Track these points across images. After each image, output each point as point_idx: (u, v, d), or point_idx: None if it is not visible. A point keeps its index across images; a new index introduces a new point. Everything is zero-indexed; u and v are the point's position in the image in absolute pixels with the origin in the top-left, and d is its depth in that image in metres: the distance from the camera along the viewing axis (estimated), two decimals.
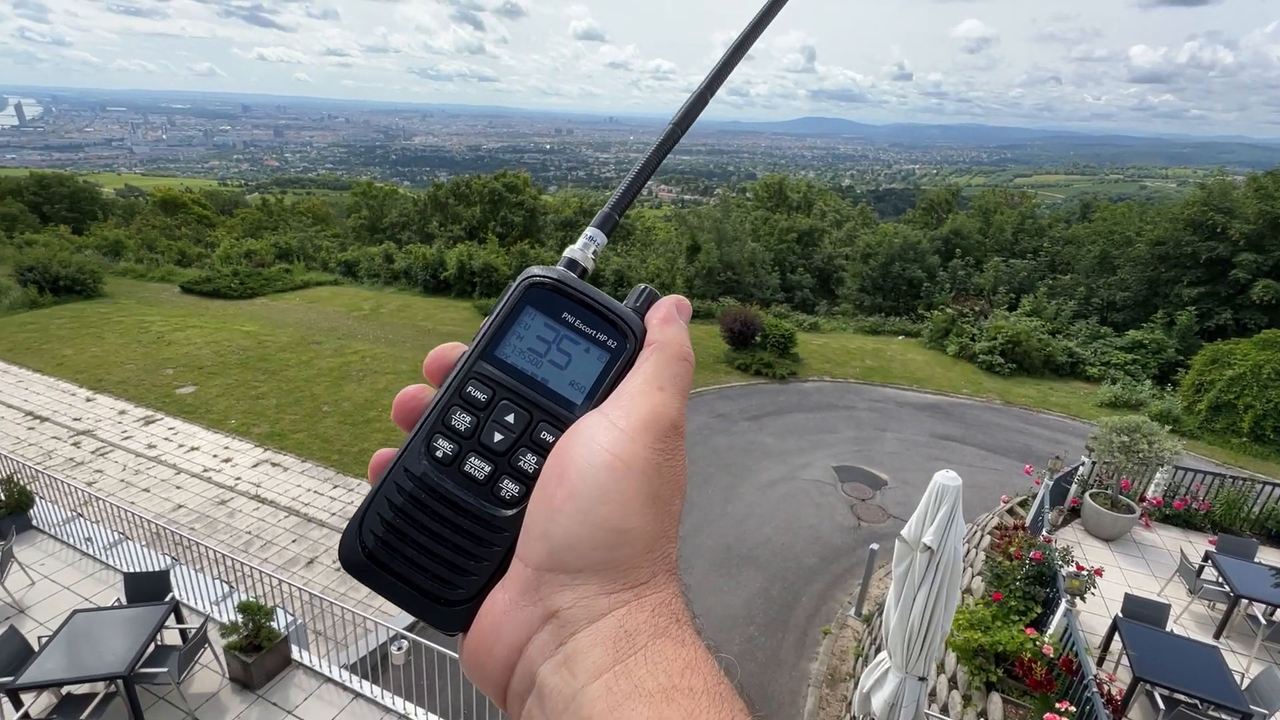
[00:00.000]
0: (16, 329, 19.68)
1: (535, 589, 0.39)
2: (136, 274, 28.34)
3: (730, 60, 0.54)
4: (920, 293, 30.18)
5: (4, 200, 46.57)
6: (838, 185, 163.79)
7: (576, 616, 0.37)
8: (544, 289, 0.47)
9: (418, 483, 0.44)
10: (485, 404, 0.45)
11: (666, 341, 0.46)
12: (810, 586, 9.77)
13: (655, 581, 0.40)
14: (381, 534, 0.43)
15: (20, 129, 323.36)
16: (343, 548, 0.44)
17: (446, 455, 0.44)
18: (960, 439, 15.19)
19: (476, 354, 0.46)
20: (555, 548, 0.39)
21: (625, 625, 0.37)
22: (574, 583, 0.38)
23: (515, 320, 0.47)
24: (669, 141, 0.52)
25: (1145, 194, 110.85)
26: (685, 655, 0.37)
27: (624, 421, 0.41)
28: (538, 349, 0.46)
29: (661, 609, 0.39)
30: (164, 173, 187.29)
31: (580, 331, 0.47)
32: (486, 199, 40.80)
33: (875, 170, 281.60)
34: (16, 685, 5.61)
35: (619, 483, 0.39)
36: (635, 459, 0.40)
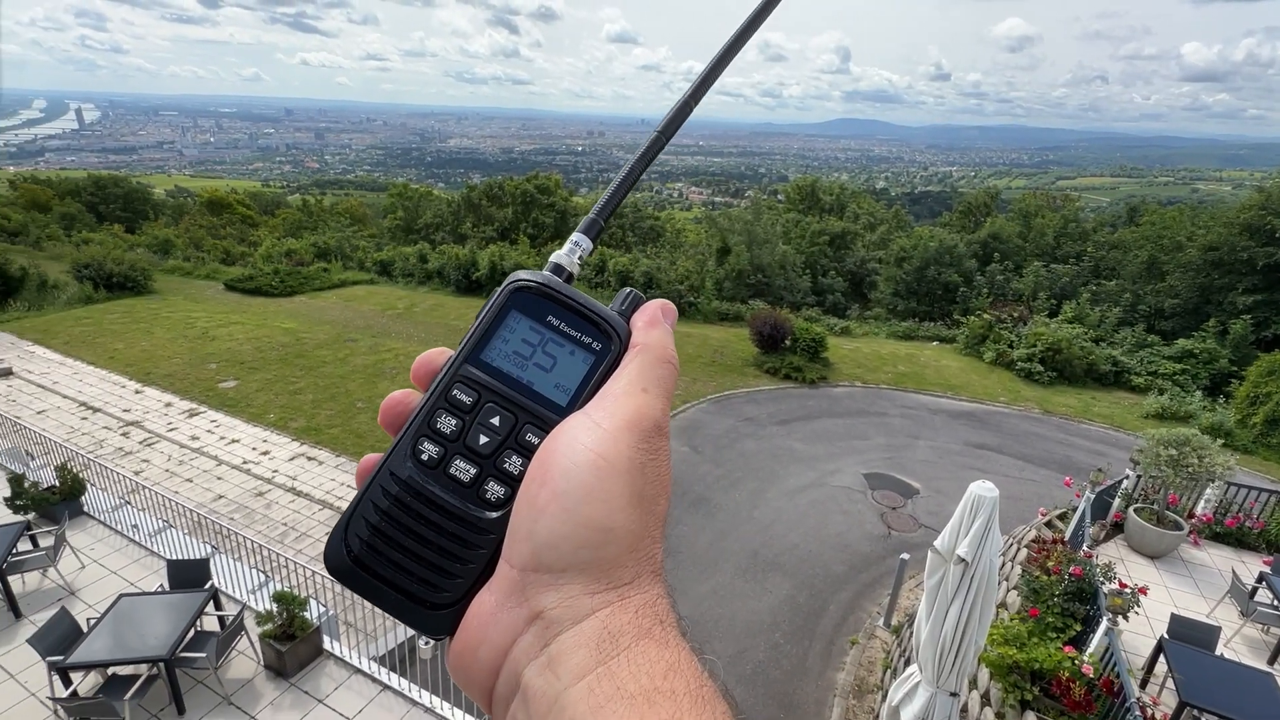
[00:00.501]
0: (73, 323, 20.60)
1: (520, 590, 0.39)
2: (184, 271, 29.44)
3: (714, 71, 0.55)
4: (956, 298, 29.47)
5: (64, 200, 48.92)
6: (872, 188, 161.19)
7: (560, 617, 0.37)
8: (529, 293, 0.47)
9: (403, 486, 0.44)
10: (471, 407, 0.45)
11: (650, 344, 0.46)
12: (838, 595, 9.61)
13: (639, 582, 0.40)
14: (367, 537, 0.43)
15: (80, 133, 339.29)
16: (328, 552, 0.44)
17: (432, 458, 0.44)
18: (996, 448, 14.77)
19: (462, 358, 0.46)
20: (539, 547, 0.39)
21: (609, 626, 0.37)
22: (558, 583, 0.38)
23: (500, 324, 0.47)
24: (654, 149, 0.53)
25: (1197, 197, 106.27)
26: (668, 657, 0.36)
27: (608, 422, 0.41)
28: (523, 352, 0.47)
29: (645, 610, 0.38)
30: (211, 174, 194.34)
31: (565, 334, 0.47)
32: (519, 200, 41.27)
33: (911, 172, 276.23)
34: (66, 665, 5.86)
35: (603, 482, 0.39)
36: (619, 458, 0.40)
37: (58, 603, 7.38)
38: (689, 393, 16.68)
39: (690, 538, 10.68)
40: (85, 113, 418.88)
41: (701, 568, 9.95)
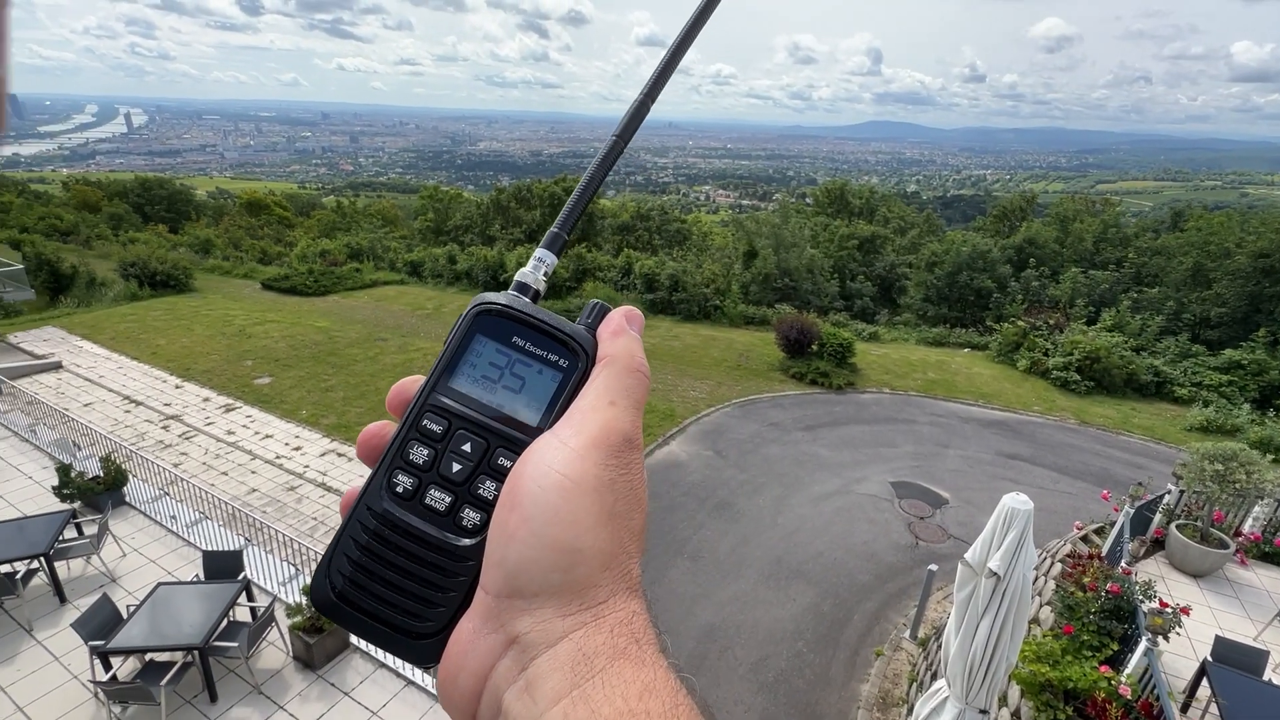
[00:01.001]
0: (119, 320, 21.39)
1: (496, 616, 0.39)
2: (223, 270, 30.36)
3: (666, 70, 0.54)
4: (989, 304, 28.81)
5: (112, 201, 50.89)
6: (902, 191, 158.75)
7: (535, 641, 0.37)
8: (492, 315, 0.47)
9: (381, 519, 0.44)
10: (442, 435, 0.45)
11: (617, 355, 0.45)
12: (863, 605, 9.45)
13: (615, 600, 0.39)
14: (349, 573, 0.44)
15: (128, 136, 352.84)
16: (313, 589, 0.44)
17: (407, 490, 0.44)
18: (1030, 459, 14.38)
19: (430, 387, 0.46)
20: (511, 573, 0.39)
21: (583, 648, 0.37)
22: (531, 607, 0.38)
23: (467, 349, 0.47)
24: (613, 154, 0.52)
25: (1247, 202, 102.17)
26: (644, 677, 0.36)
27: (574, 440, 0.41)
28: (491, 375, 0.47)
29: (620, 629, 0.38)
30: (250, 176, 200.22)
31: (531, 354, 0.47)
32: (546, 203, 41.62)
33: (943, 176, 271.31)
34: (107, 649, 6.07)
35: (569, 503, 0.39)
36: (585, 477, 0.39)
37: (100, 589, 7.65)
38: (713, 397, 16.60)
39: (713, 542, 10.62)
40: (133, 117, 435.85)
41: (724, 573, 9.88)
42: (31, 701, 6.34)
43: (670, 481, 12.44)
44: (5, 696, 6.38)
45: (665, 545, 10.47)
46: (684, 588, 9.50)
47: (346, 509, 0.45)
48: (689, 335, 22.45)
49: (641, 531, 0.43)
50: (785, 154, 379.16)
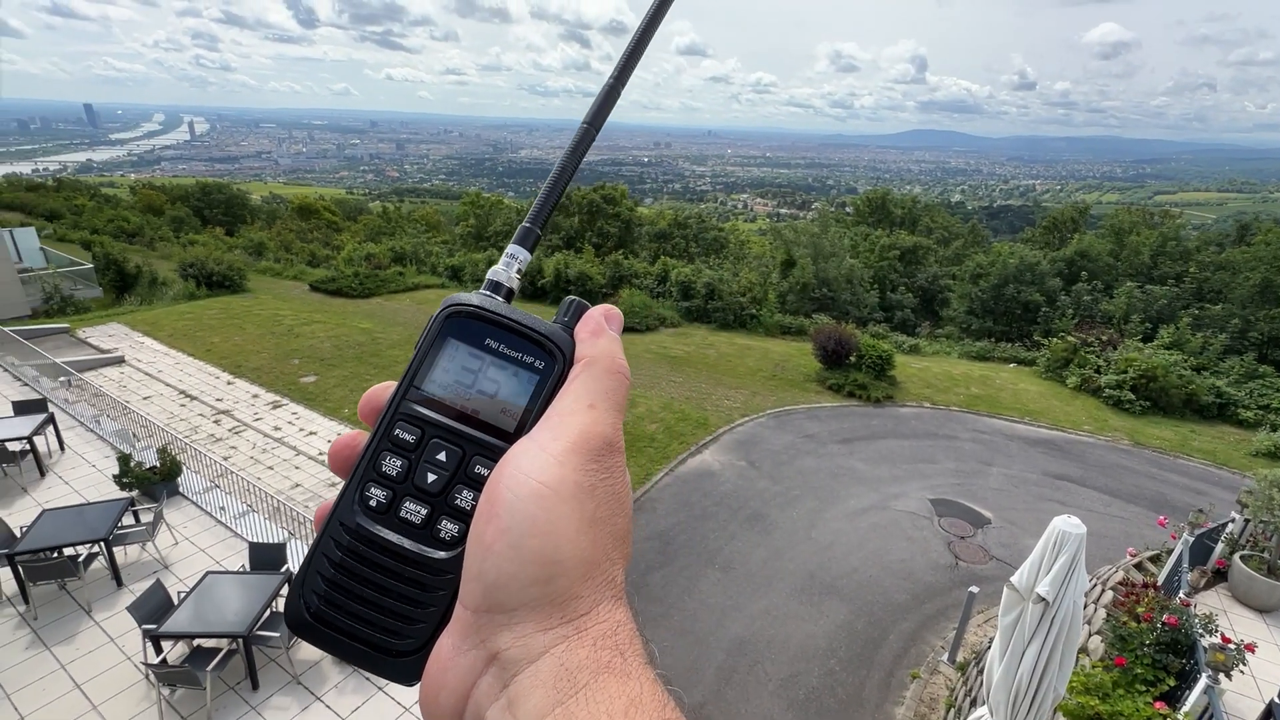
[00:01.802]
0: (177, 318, 22.43)
1: (475, 632, 0.38)
2: (274, 272, 31.55)
3: (635, 52, 0.52)
4: (1037, 318, 27.84)
5: (175, 205, 53.53)
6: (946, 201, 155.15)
7: (516, 657, 0.36)
8: (463, 316, 0.45)
9: (354, 535, 0.42)
10: (415, 445, 0.43)
11: (597, 356, 0.44)
12: (899, 625, 9.19)
13: (598, 611, 0.38)
14: (323, 592, 0.42)
15: (191, 143, 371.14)
16: (287, 609, 0.43)
17: (380, 503, 0.43)
18: (1078, 480, 13.80)
19: (401, 394, 0.44)
20: (489, 587, 0.37)
21: (565, 663, 0.35)
22: (511, 622, 0.37)
23: (438, 353, 0.45)
24: (584, 142, 0.50)
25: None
26: (629, 691, 0.35)
27: (553, 445, 0.39)
28: (464, 380, 0.45)
29: (603, 641, 0.37)
30: (301, 182, 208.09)
31: (505, 356, 0.45)
32: (584, 210, 42.04)
33: (989, 185, 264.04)
34: (159, 633, 6.34)
35: (547, 512, 0.37)
36: (564, 484, 0.38)
37: (153, 575, 8.00)
38: (748, 406, 16.45)
39: (744, 554, 10.49)
40: (197, 125, 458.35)
41: (755, 586, 9.75)
42: (88, 680, 6.66)
43: (702, 491, 12.36)
44: (65, 674, 6.72)
45: (696, 555, 10.39)
46: (714, 598, 9.41)
47: (319, 524, 0.44)
48: (724, 344, 22.32)
49: (626, 536, 0.41)
50: (825, 163, 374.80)
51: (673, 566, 10.07)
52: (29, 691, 6.49)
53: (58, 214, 43.36)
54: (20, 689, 6.51)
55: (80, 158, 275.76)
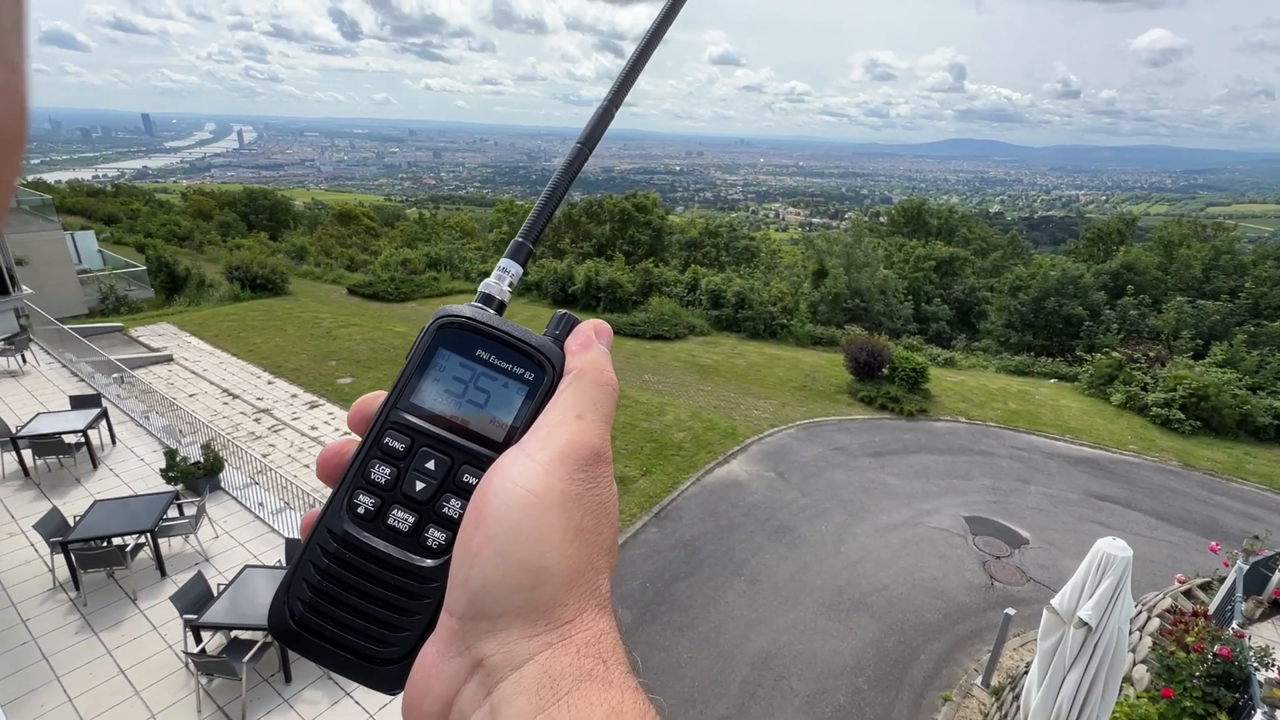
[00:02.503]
0: (223, 319, 23.26)
1: (460, 638, 0.38)
2: (314, 276, 32.50)
3: (632, 73, 0.52)
4: (1080, 333, 26.97)
5: (223, 210, 55.62)
6: (985, 211, 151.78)
7: (500, 664, 0.36)
8: (454, 328, 0.46)
9: (341, 542, 0.42)
10: (404, 453, 0.43)
11: (585, 368, 0.44)
12: (930, 645, 8.95)
13: (582, 619, 0.38)
14: (309, 599, 0.42)
15: (239, 151, 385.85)
16: (271, 616, 0.43)
17: (369, 510, 0.43)
18: (1123, 502, 13.27)
19: (392, 403, 0.45)
20: (475, 594, 0.38)
21: (548, 670, 0.35)
22: (496, 629, 0.37)
23: (429, 363, 0.45)
24: (577, 162, 0.50)
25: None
26: (611, 700, 0.35)
27: (541, 454, 0.40)
28: (454, 390, 0.45)
29: (587, 649, 0.37)
30: (342, 189, 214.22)
31: (496, 367, 0.45)
32: (616, 218, 42.32)
33: (1030, 196, 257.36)
34: (199, 623, 6.55)
35: (534, 520, 0.38)
36: (551, 493, 0.38)
37: (195, 566, 8.27)
38: (777, 417, 16.28)
39: (771, 566, 10.36)
40: (245, 134, 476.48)
41: (782, 599, 9.61)
42: (132, 665, 6.91)
43: (730, 501, 12.26)
44: (111, 660, 6.98)
45: (723, 565, 10.30)
46: (740, 610, 9.30)
47: (306, 531, 0.44)
48: (754, 353, 22.16)
49: (612, 547, 0.41)
50: (860, 172, 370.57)
51: (698, 576, 10.01)
52: (78, 675, 6.76)
53: (115, 218, 45.50)
54: (69, 672, 6.79)
55: (137, 165, 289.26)
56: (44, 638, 7.22)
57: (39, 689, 6.55)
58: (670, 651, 8.48)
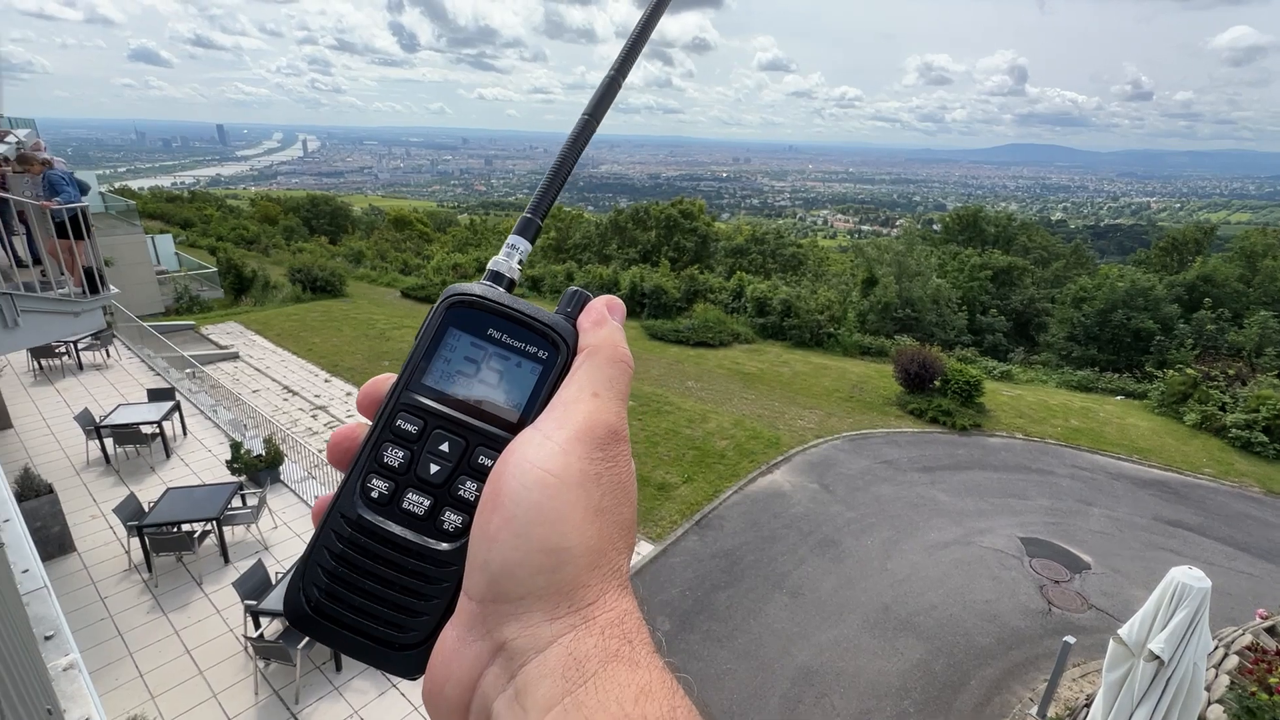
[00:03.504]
0: (285, 319, 24.39)
1: (481, 622, 0.38)
2: (370, 279, 33.74)
3: (637, 44, 0.51)
4: (1150, 348, 25.49)
5: (287, 215, 58.39)
6: (1046, 219, 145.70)
7: (523, 647, 0.36)
8: (465, 306, 0.45)
9: (356, 527, 0.42)
10: (417, 436, 0.42)
11: (599, 345, 0.43)
12: (982, 670, 8.58)
13: (605, 600, 0.37)
14: (325, 585, 0.41)
15: (303, 160, 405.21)
16: (286, 602, 0.42)
17: (383, 495, 0.42)
18: (1196, 529, 12.45)
19: (403, 384, 0.44)
20: (495, 577, 0.37)
21: (573, 652, 0.35)
22: (518, 611, 0.36)
23: (440, 343, 0.44)
24: (584, 134, 0.49)
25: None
26: (639, 680, 0.34)
27: (557, 434, 0.39)
28: (466, 370, 0.44)
29: (611, 630, 0.36)
30: (398, 195, 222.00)
31: (508, 346, 0.44)
32: (662, 224, 42.43)
33: (1096, 203, 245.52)
34: (258, 609, 6.86)
35: (553, 500, 0.37)
36: (569, 472, 0.38)
37: (255, 555, 8.68)
38: (823, 428, 15.97)
39: (814, 580, 10.14)
40: (309, 143, 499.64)
41: (825, 614, 9.40)
42: (197, 646, 7.30)
43: (772, 512, 12.08)
44: (178, 639, 7.39)
45: (764, 577, 10.15)
46: (781, 624, 9.14)
47: (318, 518, 0.43)
48: (799, 362, 21.82)
49: (632, 525, 0.41)
50: (912, 178, 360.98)
51: (739, 587, 9.89)
52: (148, 652, 7.18)
53: (190, 223, 48.39)
54: (141, 649, 7.22)
55: (211, 172, 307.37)
56: (120, 615, 7.70)
57: (114, 663, 6.99)
58: (709, 662, 8.40)
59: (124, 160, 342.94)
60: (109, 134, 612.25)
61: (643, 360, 21.41)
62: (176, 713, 6.47)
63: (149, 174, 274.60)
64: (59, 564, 8.36)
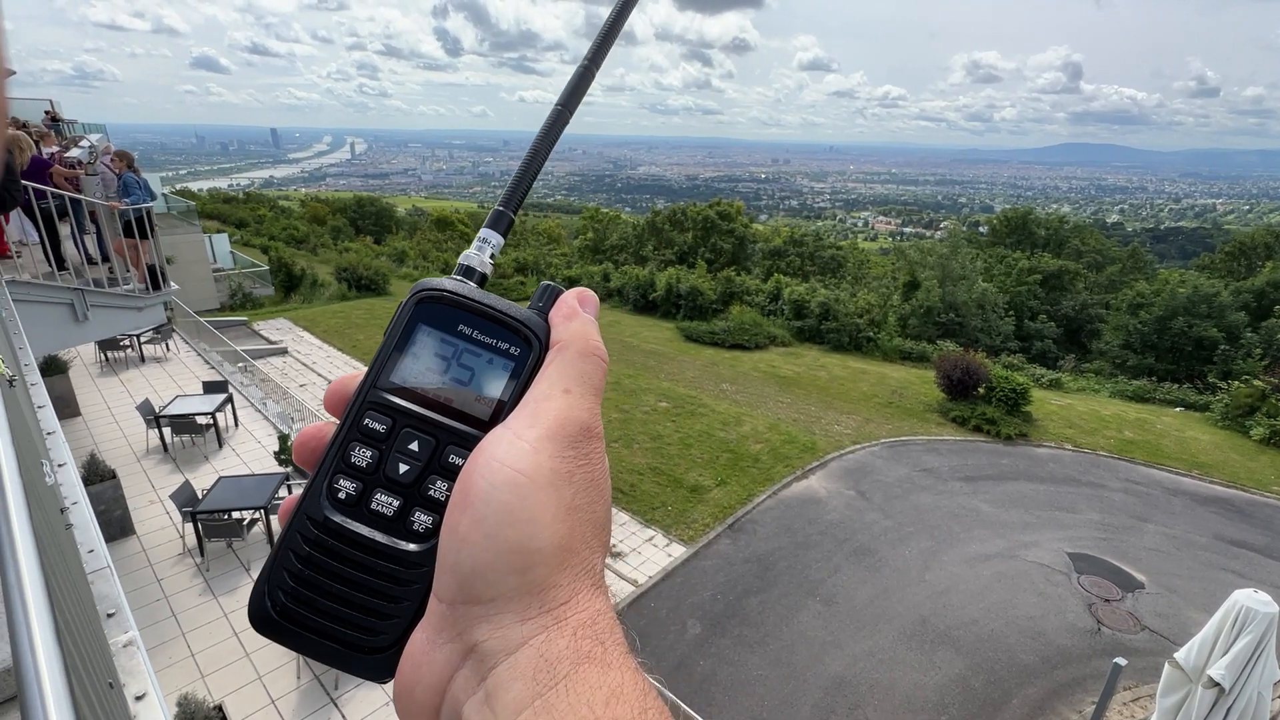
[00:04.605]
0: (331, 316, 25.21)
1: (451, 624, 0.37)
2: (412, 278, 34.55)
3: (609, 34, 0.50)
4: (1213, 357, 24.22)
5: (335, 216, 60.34)
6: (1101, 221, 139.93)
7: (494, 649, 0.35)
8: (434, 302, 0.44)
9: (322, 528, 0.41)
10: (386, 434, 0.42)
11: (570, 339, 0.43)
12: (1024, 689, 8.28)
13: (577, 600, 0.37)
14: (290, 588, 0.40)
15: (351, 162, 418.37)
16: (251, 606, 0.41)
17: (350, 495, 0.41)
18: (1262, 550, 11.76)
19: (371, 382, 0.43)
20: (465, 578, 0.37)
21: (544, 654, 0.35)
22: (489, 613, 0.36)
23: (409, 339, 0.44)
24: (558, 124, 0.49)
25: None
26: (610, 681, 0.34)
27: (528, 432, 0.39)
28: (436, 367, 0.43)
29: (583, 630, 0.36)
30: (440, 196, 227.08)
31: (479, 342, 0.44)
32: (699, 226, 42.31)
33: (1155, 205, 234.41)
34: None
35: (523, 500, 0.36)
36: (540, 472, 0.37)
37: None
38: (860, 433, 15.66)
39: (849, 589, 9.95)
40: (356, 146, 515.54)
41: (860, 624, 9.21)
42: (245, 629, 7.60)
43: (807, 518, 11.91)
44: (227, 622, 7.71)
45: (797, 584, 10.01)
46: (814, 632, 9.00)
47: (284, 519, 0.42)
48: (837, 366, 21.46)
49: (606, 523, 0.40)
50: (958, 179, 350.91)
51: (771, 593, 9.78)
52: (199, 633, 7.52)
53: (244, 223, 50.50)
54: (193, 629, 7.56)
55: (264, 174, 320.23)
56: (174, 596, 8.08)
57: (168, 642, 7.34)
58: (740, 667, 8.33)
59: (185, 163, 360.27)
60: (171, 138, 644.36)
61: (677, 362, 21.37)
62: (224, 692, 6.76)
63: (207, 176, 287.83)
64: (120, 546, 8.83)
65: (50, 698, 0.49)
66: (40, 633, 0.56)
